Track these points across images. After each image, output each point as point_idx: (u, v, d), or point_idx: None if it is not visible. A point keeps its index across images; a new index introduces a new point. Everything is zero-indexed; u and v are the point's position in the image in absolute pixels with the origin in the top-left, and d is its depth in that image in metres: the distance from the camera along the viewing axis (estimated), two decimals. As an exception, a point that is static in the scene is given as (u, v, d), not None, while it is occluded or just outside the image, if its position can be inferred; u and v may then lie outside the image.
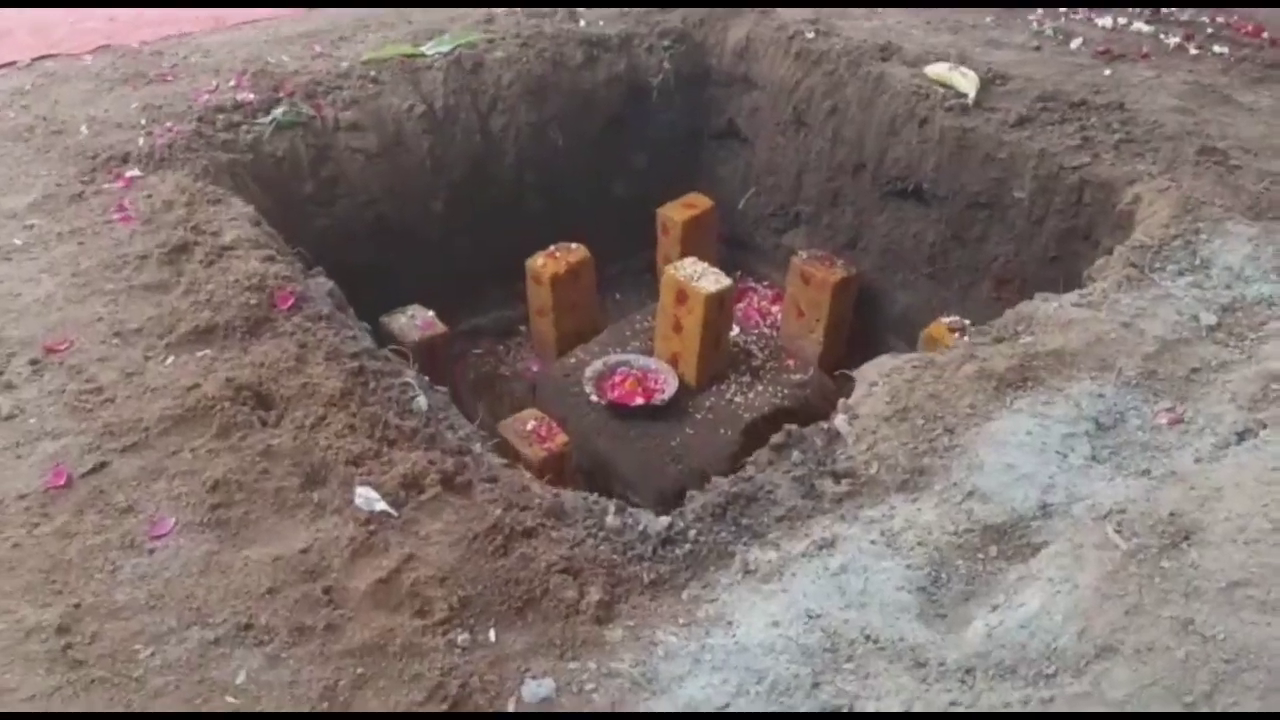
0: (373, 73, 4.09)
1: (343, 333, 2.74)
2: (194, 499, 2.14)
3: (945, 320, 3.91)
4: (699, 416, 3.75)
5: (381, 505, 2.15)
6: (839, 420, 2.44)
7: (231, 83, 3.96)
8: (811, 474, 2.27)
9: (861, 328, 4.46)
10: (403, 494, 2.19)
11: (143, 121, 3.69)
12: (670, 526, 2.17)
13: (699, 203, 4.69)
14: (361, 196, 3.99)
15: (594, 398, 3.72)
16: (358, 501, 2.16)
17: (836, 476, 2.26)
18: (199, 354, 2.58)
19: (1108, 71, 4.19)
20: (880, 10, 4.78)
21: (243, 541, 2.07)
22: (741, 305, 4.87)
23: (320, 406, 2.40)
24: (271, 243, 3.16)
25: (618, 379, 3.89)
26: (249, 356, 2.55)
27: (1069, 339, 2.65)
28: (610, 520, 2.20)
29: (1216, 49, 4.41)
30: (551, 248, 4.35)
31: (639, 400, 3.73)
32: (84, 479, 2.19)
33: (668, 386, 3.78)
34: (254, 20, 4.60)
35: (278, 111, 3.78)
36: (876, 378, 2.57)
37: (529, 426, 3.49)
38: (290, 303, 2.79)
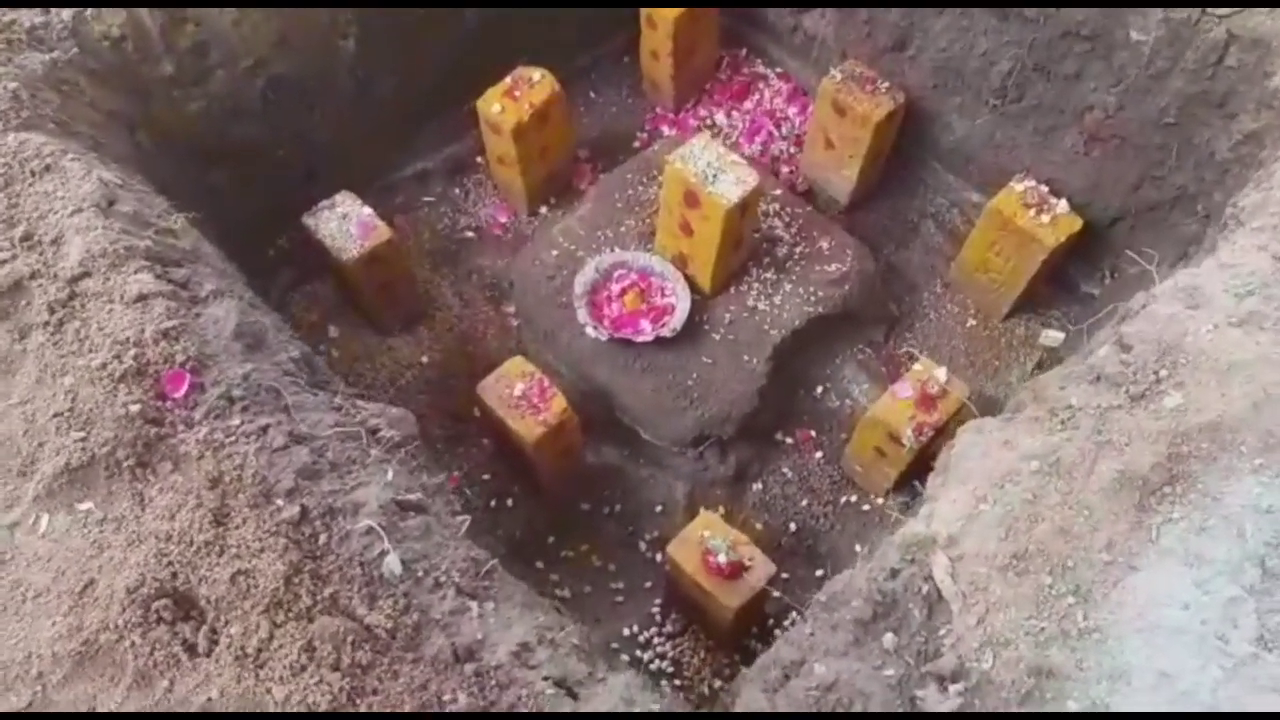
0: None
1: (267, 433, 2.03)
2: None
3: (1019, 187, 3.15)
4: (717, 337, 3.11)
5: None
6: (939, 570, 1.90)
7: (14, -97, 2.66)
8: (911, 673, 1.80)
9: (905, 154, 3.61)
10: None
11: (-103, -4, 2.52)
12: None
13: (694, -16, 3.54)
14: (243, 61, 2.90)
15: (590, 330, 3.03)
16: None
17: (942, 680, 1.79)
18: (81, 508, 1.91)
19: None
20: None
21: None
22: (749, 105, 3.93)
23: (261, 614, 1.80)
24: (132, 232, 2.27)
25: (614, 288, 3.16)
26: (148, 518, 1.89)
27: (1228, 399, 2.02)
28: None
29: None
30: (508, 79, 3.33)
31: (645, 332, 3.05)
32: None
33: (677, 305, 3.08)
34: None
35: (95, -38, 2.58)
36: (983, 486, 1.98)
37: (517, 390, 2.85)
38: (183, 388, 2.04)
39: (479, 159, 3.75)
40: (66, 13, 2.56)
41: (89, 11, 2.58)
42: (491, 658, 1.89)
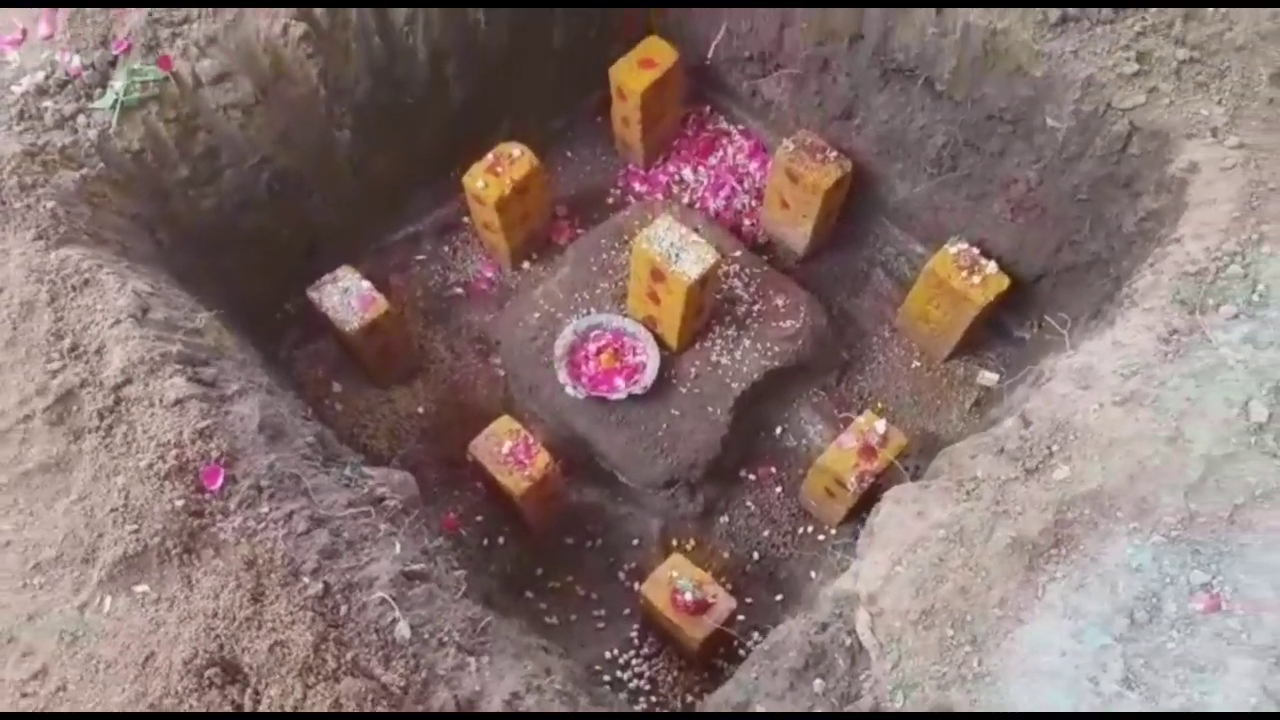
0: (225, -20, 3.06)
1: (292, 519, 2.38)
2: None
3: (953, 250, 3.50)
4: (683, 391, 3.46)
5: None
6: (861, 625, 2.27)
7: (42, 29, 2.96)
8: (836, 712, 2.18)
9: (856, 209, 3.95)
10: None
11: (-57, 122, 2.83)
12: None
13: (659, 56, 3.85)
14: (249, 159, 3.22)
15: (570, 390, 3.38)
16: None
17: (861, 720, 2.16)
18: (138, 590, 2.26)
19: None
20: None
21: None
22: (714, 161, 4.26)
23: (295, 678, 2.17)
24: (165, 337, 2.61)
25: (591, 348, 3.51)
26: (196, 598, 2.24)
27: (1108, 471, 2.39)
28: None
29: None
30: (490, 156, 3.65)
31: (619, 390, 3.39)
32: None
33: (647, 364, 3.42)
34: None
35: (118, 86, 2.89)
36: (899, 550, 2.35)
37: (505, 449, 3.21)
38: (219, 481, 2.38)
39: (465, 219, 4.08)
40: (93, 132, 2.88)
41: (111, 129, 2.88)
42: (488, 706, 2.26)
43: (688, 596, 2.99)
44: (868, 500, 3.21)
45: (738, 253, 3.73)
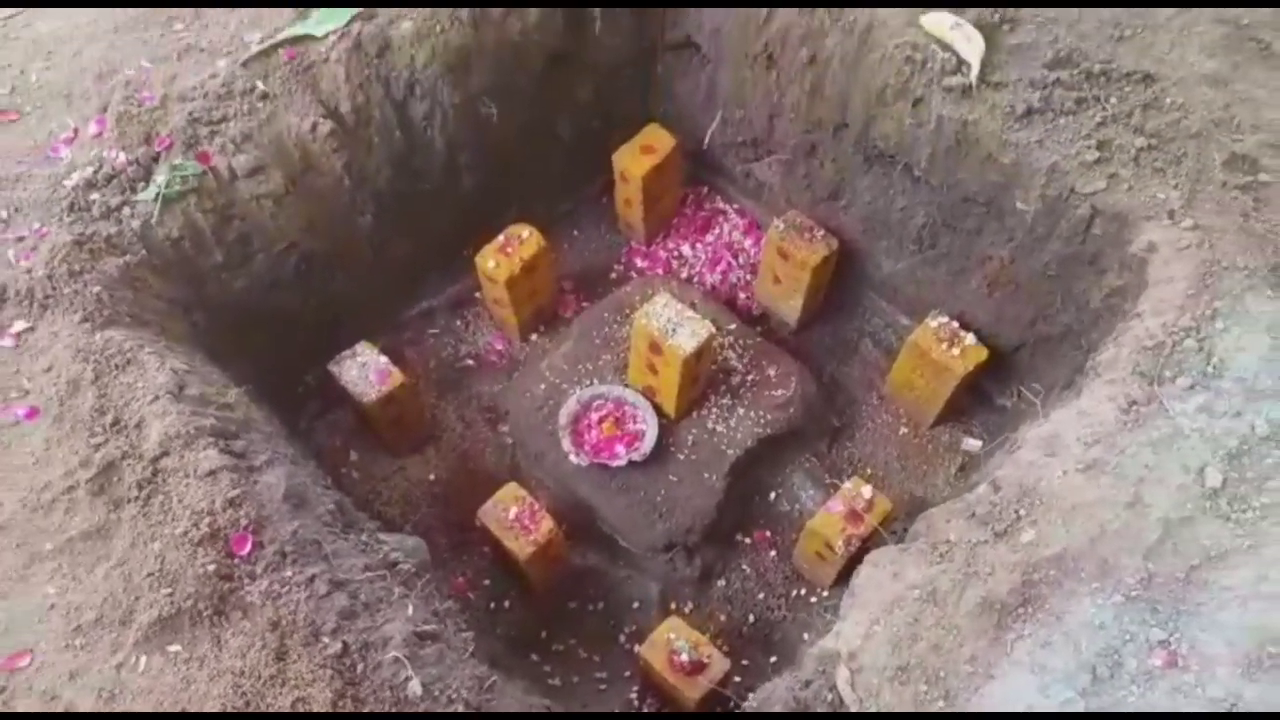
0: (259, 83, 3.35)
1: (313, 583, 2.56)
2: None
3: (933, 323, 3.70)
4: (681, 458, 3.65)
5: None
6: (841, 681, 2.43)
7: (93, 129, 3.24)
8: (817, 765, 2.33)
9: (844, 283, 4.18)
10: None
11: (3, 215, 3.09)
12: None
13: (659, 143, 4.13)
14: (279, 244, 3.47)
15: (573, 458, 3.58)
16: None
17: (841, 771, 2.31)
18: (171, 650, 2.45)
19: (1133, -1, 3.53)
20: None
21: None
22: (711, 238, 4.51)
23: (318, 732, 2.34)
24: (200, 412, 2.83)
25: (594, 417, 3.71)
26: (225, 657, 2.42)
27: (1072, 533, 2.56)
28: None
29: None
30: (501, 238, 3.91)
31: (620, 457, 3.59)
32: None
33: (647, 431, 3.63)
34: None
35: (160, 180, 3.16)
36: (877, 610, 2.52)
37: (511, 514, 3.40)
38: (247, 547, 2.58)
39: (476, 295, 4.33)
40: (136, 222, 3.13)
41: (153, 219, 3.15)
42: (493, 760, 2.43)
43: (684, 657, 3.14)
44: (856, 563, 3.37)
45: (733, 325, 3.95)
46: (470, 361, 4.25)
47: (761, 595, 3.73)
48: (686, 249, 4.48)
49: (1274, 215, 3.05)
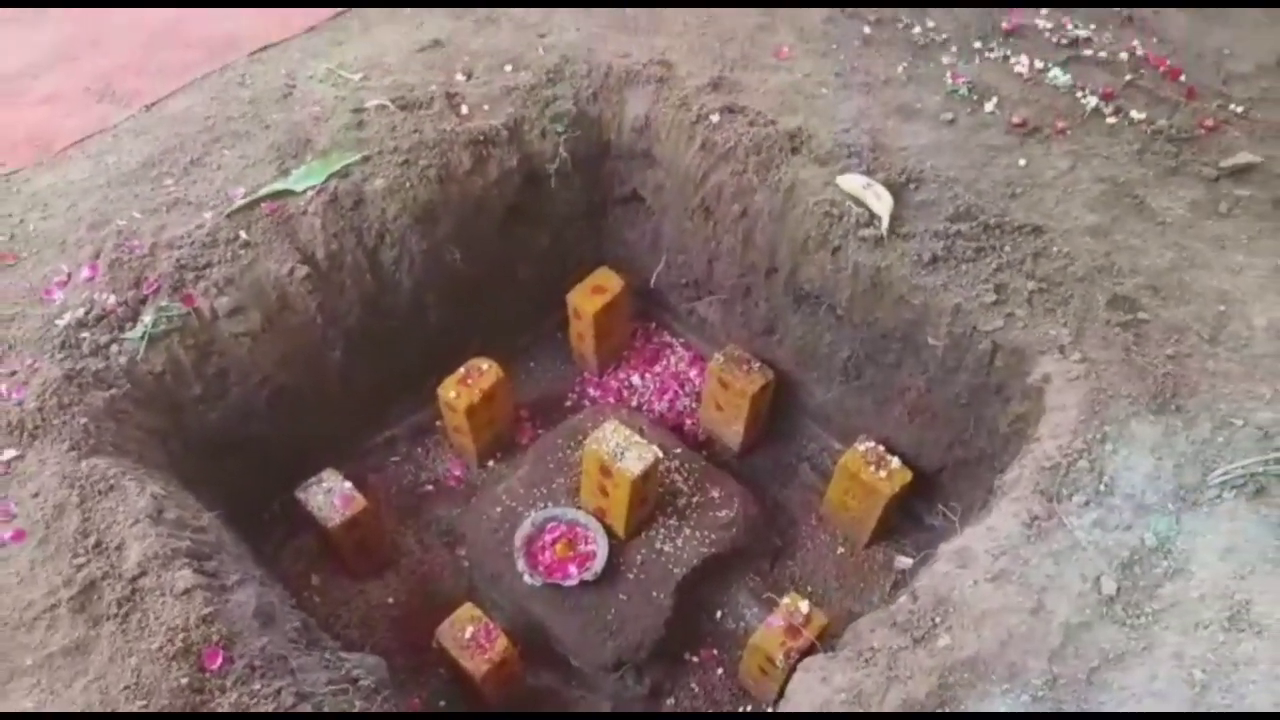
0: (241, 233, 3.67)
1: (280, 695, 2.72)
2: None
3: (861, 447, 4.01)
4: (630, 576, 3.86)
5: None
6: (776, 780, 2.62)
7: (85, 273, 3.52)
8: None
9: (782, 411, 4.51)
10: None
11: (-5, 353, 3.33)
12: None
13: (609, 284, 4.51)
14: (253, 378, 3.73)
15: (528, 578, 3.77)
16: None
17: None
18: (142, 762, 2.57)
19: (1023, 161, 4.04)
20: (795, 56, 4.41)
21: None
22: (659, 369, 4.84)
23: (281, 840, 2.46)
24: (176, 535, 3.01)
25: (547, 538, 3.93)
26: (195, 768, 2.55)
27: (982, 639, 2.81)
28: None
29: (1134, 114, 4.25)
30: (462, 370, 4.20)
31: (572, 577, 3.79)
32: None
33: (597, 552, 3.85)
34: (84, 141, 4.00)
35: (147, 320, 3.43)
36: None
37: (467, 634, 3.56)
38: (219, 661, 2.73)
39: (438, 423, 4.58)
40: (123, 358, 3.37)
41: (139, 356, 3.40)
42: None
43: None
44: (799, 676, 3.57)
45: (679, 450, 4.24)
46: (430, 487, 4.47)
47: (709, 713, 3.89)
48: (636, 379, 4.80)
49: (1152, 350, 3.46)
